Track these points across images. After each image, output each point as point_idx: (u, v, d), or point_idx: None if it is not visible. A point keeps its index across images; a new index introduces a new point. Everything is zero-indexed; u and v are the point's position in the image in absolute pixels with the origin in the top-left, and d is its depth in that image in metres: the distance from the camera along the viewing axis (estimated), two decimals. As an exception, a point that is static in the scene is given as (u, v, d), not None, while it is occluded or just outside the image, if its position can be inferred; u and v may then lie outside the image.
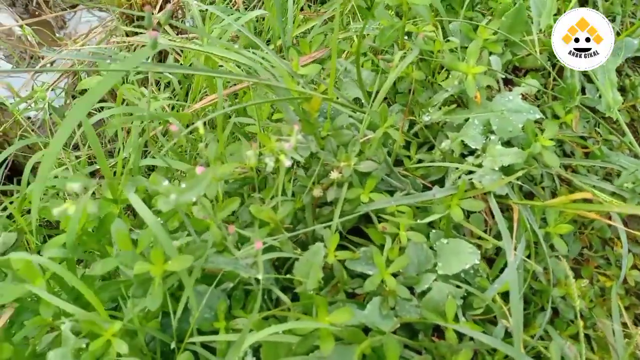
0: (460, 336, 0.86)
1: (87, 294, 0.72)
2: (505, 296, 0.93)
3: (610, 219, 1.07)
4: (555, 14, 1.24)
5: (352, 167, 0.94)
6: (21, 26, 1.99)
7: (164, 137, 1.31)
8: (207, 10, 1.50)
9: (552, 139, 1.06)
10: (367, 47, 1.32)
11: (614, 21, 1.51)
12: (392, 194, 1.02)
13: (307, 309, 0.81)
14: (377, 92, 1.08)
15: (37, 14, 2.31)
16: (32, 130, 1.58)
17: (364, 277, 0.90)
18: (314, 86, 1.17)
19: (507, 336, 0.90)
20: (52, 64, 1.88)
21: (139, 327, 0.74)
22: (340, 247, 0.91)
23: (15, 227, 0.92)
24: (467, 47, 1.16)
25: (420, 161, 1.13)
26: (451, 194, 0.97)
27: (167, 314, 0.77)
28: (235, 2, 1.88)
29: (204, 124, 0.77)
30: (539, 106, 1.18)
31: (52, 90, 1.76)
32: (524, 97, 1.24)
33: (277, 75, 1.05)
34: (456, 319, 0.86)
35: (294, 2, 1.44)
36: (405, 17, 1.20)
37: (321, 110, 1.08)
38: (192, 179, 0.67)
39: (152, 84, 1.28)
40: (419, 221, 0.95)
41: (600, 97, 1.29)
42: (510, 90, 1.23)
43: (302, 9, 1.73)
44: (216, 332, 0.80)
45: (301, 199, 0.96)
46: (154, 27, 0.76)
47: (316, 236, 0.95)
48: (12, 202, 1.05)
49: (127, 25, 1.96)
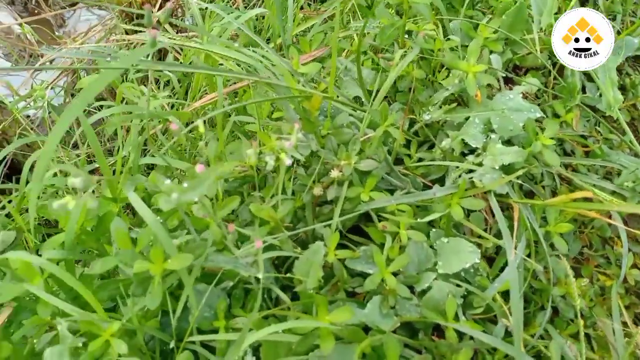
0: (460, 335, 0.86)
1: (85, 293, 0.72)
2: (505, 295, 0.93)
3: (610, 217, 1.07)
4: (555, 13, 1.24)
5: (353, 166, 0.93)
6: (20, 24, 1.99)
7: (164, 135, 1.31)
8: (207, 8, 1.49)
9: (552, 138, 1.06)
10: (368, 45, 1.32)
11: (615, 20, 1.51)
12: (392, 192, 1.01)
13: (307, 308, 0.81)
14: (378, 90, 1.07)
15: (36, 12, 2.30)
16: (31, 128, 1.57)
17: (364, 276, 0.89)
18: (314, 85, 1.17)
19: (507, 335, 0.90)
20: (51, 62, 1.88)
21: (138, 326, 0.74)
22: (340, 246, 0.91)
23: (14, 226, 0.92)
24: (467, 46, 1.16)
25: (420, 160, 1.13)
26: (451, 193, 0.97)
27: (167, 313, 0.77)
28: (235, 0, 1.88)
29: (204, 123, 0.76)
30: (539, 105, 1.18)
31: (52, 88, 1.75)
32: (525, 96, 1.24)
33: (277, 73, 1.05)
34: (456, 318, 0.86)
35: (293, 1, 1.44)
36: (405, 15, 1.20)
37: (321, 108, 1.07)
38: (193, 178, 0.67)
39: (151, 82, 1.27)
40: (419, 220, 0.95)
41: (600, 96, 1.29)
42: (510, 89, 1.23)
43: (301, 8, 1.72)
44: (216, 331, 0.80)
45: (301, 198, 0.96)
46: (154, 25, 0.76)
47: (316, 235, 0.95)
48: (10, 201, 1.05)
49: (126, 23, 1.95)
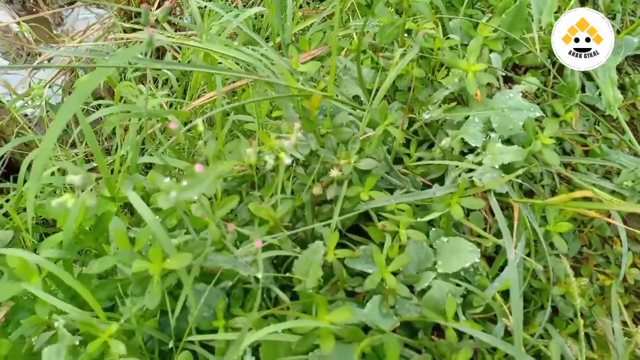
0: (460, 335, 0.85)
1: (84, 293, 0.71)
2: (504, 294, 0.92)
3: (609, 217, 1.07)
4: (555, 12, 1.23)
5: (352, 165, 0.93)
6: (18, 23, 1.98)
7: (162, 134, 1.31)
8: (205, 7, 1.49)
9: (552, 137, 1.06)
10: (367, 44, 1.31)
11: (614, 19, 1.51)
12: (391, 192, 1.01)
13: (306, 307, 0.81)
14: (377, 89, 1.07)
15: (34, 10, 2.30)
16: (29, 127, 1.57)
17: (363, 275, 0.89)
18: (313, 84, 1.17)
19: (507, 335, 0.90)
20: (49, 61, 1.88)
21: (136, 326, 0.74)
22: (339, 246, 0.90)
23: (11, 225, 0.91)
24: (467, 45, 1.15)
25: (420, 159, 1.12)
26: (451, 192, 0.96)
27: (165, 313, 0.77)
28: (233, -1, 1.87)
29: (203, 122, 0.76)
30: (538, 104, 1.18)
31: (50, 87, 1.75)
32: (524, 95, 1.24)
33: (276, 72, 1.05)
34: (456, 318, 0.86)
35: (292, -1, 1.44)
36: (405, 14, 1.19)
37: (321, 107, 1.07)
38: (192, 177, 0.66)
39: (149, 81, 1.27)
40: (418, 219, 0.95)
41: (600, 95, 1.29)
42: (510, 88, 1.23)
43: (300, 7, 1.72)
44: (215, 330, 0.80)
45: (300, 197, 0.96)
46: (152, 24, 0.76)
47: (315, 234, 0.95)
48: (7, 200, 1.05)
49: (125, 21, 1.95)
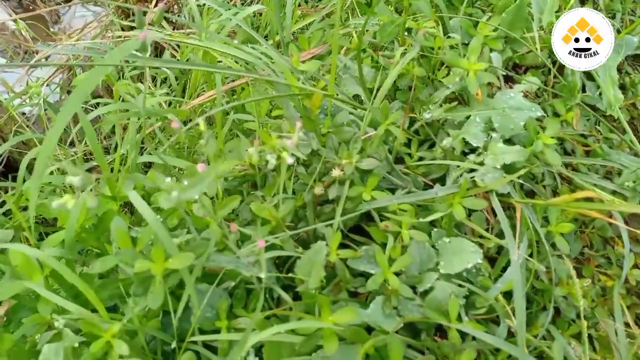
0: (463, 336, 0.85)
1: (87, 292, 0.71)
2: (507, 295, 0.92)
3: (611, 217, 1.06)
4: (556, 11, 1.23)
5: (354, 165, 0.93)
6: (15, 20, 1.97)
7: (162, 132, 1.30)
8: (204, 5, 1.48)
9: (553, 137, 1.06)
10: (367, 43, 1.31)
11: (614, 18, 1.51)
12: (393, 192, 1.00)
13: (309, 308, 0.80)
14: (378, 89, 1.07)
15: (31, 8, 2.28)
16: (27, 126, 1.56)
17: (365, 275, 0.89)
18: (313, 83, 1.16)
19: (510, 336, 0.90)
20: (46, 59, 1.86)
21: (139, 326, 0.73)
22: (341, 246, 0.90)
23: (12, 224, 0.91)
24: (467, 44, 1.15)
25: (421, 159, 1.12)
26: (453, 193, 0.96)
27: (168, 313, 0.76)
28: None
29: (203, 121, 0.75)
30: (539, 104, 1.17)
31: (47, 85, 1.74)
32: (525, 95, 1.23)
33: (276, 71, 1.04)
34: (459, 319, 0.85)
35: (292, -3, 1.43)
36: (405, 12, 1.19)
37: (321, 107, 1.06)
38: (194, 177, 0.66)
39: (146, 79, 1.26)
40: (421, 220, 0.94)
41: (600, 95, 1.29)
42: (510, 87, 1.23)
43: (299, 5, 1.71)
44: (217, 331, 0.79)
45: (302, 197, 0.95)
46: (149, 22, 0.75)
47: (317, 234, 0.94)
48: (4, 202, 1.04)
49: (122, 19, 1.94)
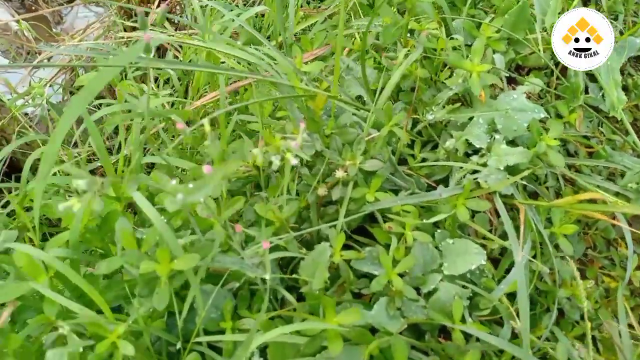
0: (467, 337, 0.85)
1: (92, 293, 0.71)
2: (510, 297, 0.92)
3: (614, 219, 1.06)
4: (559, 13, 1.23)
5: (358, 166, 0.93)
6: (17, 21, 1.97)
7: (165, 133, 1.30)
8: (206, 6, 1.48)
9: (556, 139, 1.06)
10: (370, 44, 1.31)
11: (617, 20, 1.51)
12: (396, 193, 1.00)
13: (313, 309, 0.80)
14: (381, 90, 1.07)
15: (33, 8, 2.28)
16: (30, 126, 1.56)
17: (369, 277, 0.89)
18: (316, 84, 1.16)
19: (513, 337, 0.90)
20: (49, 59, 1.86)
21: (144, 327, 0.73)
22: (345, 247, 0.90)
23: (15, 225, 0.91)
24: (470, 45, 1.15)
25: (424, 160, 1.12)
26: (457, 194, 0.96)
27: (172, 314, 0.76)
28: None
29: (208, 122, 0.75)
30: (542, 105, 1.17)
31: (50, 86, 1.74)
32: (528, 96, 1.23)
33: (280, 72, 1.04)
34: (463, 320, 0.86)
35: (294, -2, 1.43)
36: (408, 14, 1.19)
37: (324, 108, 1.06)
38: (198, 178, 0.66)
39: (150, 80, 1.26)
40: (424, 221, 0.94)
41: (603, 96, 1.29)
42: (513, 89, 1.23)
43: (301, 6, 1.71)
44: (222, 332, 0.79)
45: (306, 198, 0.95)
46: (151, 23, 0.75)
47: (321, 235, 0.94)
48: (8, 202, 1.04)
49: (125, 20, 1.94)
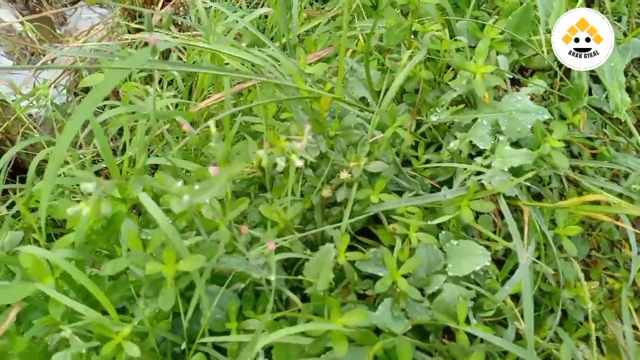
0: (471, 338, 0.85)
1: (98, 294, 0.71)
2: (515, 298, 0.92)
3: (618, 220, 1.06)
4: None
5: (362, 167, 0.93)
6: (22, 22, 1.98)
7: (169, 134, 1.30)
8: (210, 7, 1.49)
9: (560, 140, 1.06)
10: (373, 46, 1.31)
11: (620, 21, 1.51)
12: (400, 194, 1.01)
13: (318, 310, 0.80)
14: (385, 91, 1.07)
15: (37, 10, 2.29)
16: (34, 127, 1.56)
17: (373, 278, 0.89)
18: (320, 85, 1.16)
19: (518, 338, 0.90)
20: (53, 61, 1.87)
21: (149, 328, 0.73)
22: (349, 248, 0.90)
23: (21, 226, 0.91)
24: (473, 47, 1.15)
25: (428, 161, 1.12)
26: (461, 195, 0.96)
27: (178, 315, 0.77)
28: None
29: (214, 124, 0.76)
30: (546, 107, 1.17)
31: (54, 87, 1.74)
32: (532, 98, 1.23)
33: (284, 73, 1.04)
34: (467, 321, 0.86)
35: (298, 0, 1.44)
36: (412, 15, 1.19)
37: (328, 109, 1.07)
38: (204, 179, 0.66)
39: (155, 82, 1.26)
40: (428, 222, 0.95)
41: (607, 97, 1.29)
42: (517, 90, 1.23)
43: (305, 8, 1.72)
44: (227, 332, 0.79)
45: (310, 200, 0.95)
46: (156, 24, 0.75)
47: (325, 237, 0.94)
48: (13, 203, 1.04)
49: (129, 21, 1.94)
